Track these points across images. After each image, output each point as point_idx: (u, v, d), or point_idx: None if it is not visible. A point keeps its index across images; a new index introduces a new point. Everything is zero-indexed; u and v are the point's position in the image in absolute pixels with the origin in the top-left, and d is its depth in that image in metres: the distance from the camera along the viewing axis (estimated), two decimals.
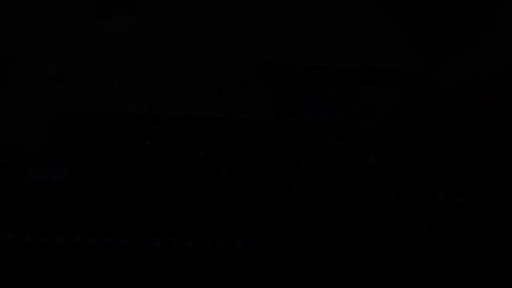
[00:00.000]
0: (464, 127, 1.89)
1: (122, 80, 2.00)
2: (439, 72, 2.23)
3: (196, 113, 1.88)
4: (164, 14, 2.42)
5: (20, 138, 1.72)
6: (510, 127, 1.89)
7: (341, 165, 1.70)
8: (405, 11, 2.43)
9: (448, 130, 1.88)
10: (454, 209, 1.56)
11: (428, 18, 2.40)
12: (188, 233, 1.40)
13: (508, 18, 2.14)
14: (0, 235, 1.34)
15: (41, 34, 2.27)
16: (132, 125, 1.81)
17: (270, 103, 1.97)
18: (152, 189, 1.54)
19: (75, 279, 1.27)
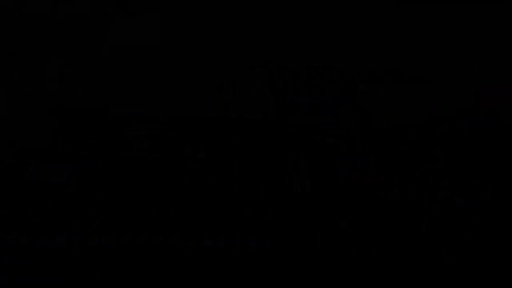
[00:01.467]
0: (464, 127, 1.89)
1: (122, 80, 2.00)
2: (438, 72, 2.23)
3: (196, 113, 1.88)
4: (164, 14, 2.42)
5: (20, 138, 1.72)
6: (510, 127, 1.89)
7: (341, 165, 1.70)
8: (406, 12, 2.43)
9: (448, 130, 1.88)
10: (454, 209, 1.56)
11: (429, 18, 2.41)
12: (188, 233, 1.40)
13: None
14: (0, 235, 1.34)
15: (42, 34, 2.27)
16: (132, 125, 1.81)
17: (270, 103, 1.97)
18: (152, 189, 1.54)
19: (75, 279, 1.26)
